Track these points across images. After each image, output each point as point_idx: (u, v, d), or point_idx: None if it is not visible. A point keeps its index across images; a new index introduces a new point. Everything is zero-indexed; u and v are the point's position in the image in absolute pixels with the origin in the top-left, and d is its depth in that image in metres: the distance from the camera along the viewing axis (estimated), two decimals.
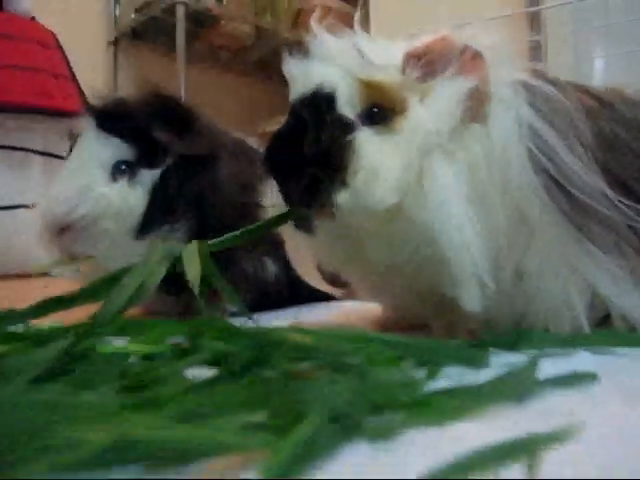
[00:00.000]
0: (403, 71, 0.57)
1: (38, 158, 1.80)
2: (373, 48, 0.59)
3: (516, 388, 0.41)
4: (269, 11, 2.97)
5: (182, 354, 0.42)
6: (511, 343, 0.55)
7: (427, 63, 0.56)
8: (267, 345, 0.41)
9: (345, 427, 0.33)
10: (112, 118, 0.77)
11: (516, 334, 0.56)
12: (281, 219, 0.62)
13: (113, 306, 0.43)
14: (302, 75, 0.59)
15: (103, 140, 0.77)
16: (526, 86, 0.56)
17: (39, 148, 1.81)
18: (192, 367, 0.41)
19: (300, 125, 0.56)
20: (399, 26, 0.63)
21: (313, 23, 0.62)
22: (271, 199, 0.61)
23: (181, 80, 2.44)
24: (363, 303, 0.83)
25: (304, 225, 0.59)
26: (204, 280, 0.50)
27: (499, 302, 0.58)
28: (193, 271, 0.43)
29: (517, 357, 0.52)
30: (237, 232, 0.61)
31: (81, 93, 1.90)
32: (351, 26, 0.61)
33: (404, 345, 0.47)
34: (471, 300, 0.53)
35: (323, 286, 0.65)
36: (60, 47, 1.98)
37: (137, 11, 2.72)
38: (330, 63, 0.58)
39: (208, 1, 2.70)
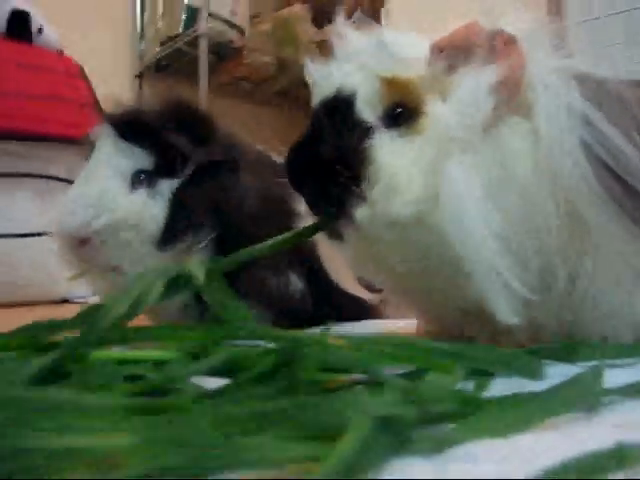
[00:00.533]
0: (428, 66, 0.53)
1: (62, 185, 1.80)
2: (401, 43, 0.55)
3: (582, 397, 0.36)
4: (290, 43, 3.00)
5: (195, 360, 0.38)
6: (566, 354, 0.50)
7: (450, 54, 0.52)
8: (297, 348, 0.36)
9: (394, 438, 0.28)
10: (131, 126, 0.74)
11: (571, 344, 0.51)
12: (310, 229, 0.58)
13: (114, 313, 0.39)
14: (323, 79, 0.56)
15: (122, 149, 0.74)
16: (575, 72, 0.51)
17: (63, 175, 1.82)
18: (208, 375, 0.36)
19: (319, 131, 0.54)
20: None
21: (339, 21, 0.59)
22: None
23: None
24: (397, 321, 0.78)
25: (332, 232, 0.55)
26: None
27: (548, 311, 0.53)
28: (199, 272, 0.39)
29: (574, 369, 0.47)
30: (265, 243, 0.56)
31: None
32: None
33: (451, 352, 0.41)
34: (503, 312, 0.48)
35: (359, 291, 0.61)
36: (86, 78, 2.01)
37: (162, 44, 2.77)
38: (352, 63, 0.55)
39: (230, 34, 2.74)
